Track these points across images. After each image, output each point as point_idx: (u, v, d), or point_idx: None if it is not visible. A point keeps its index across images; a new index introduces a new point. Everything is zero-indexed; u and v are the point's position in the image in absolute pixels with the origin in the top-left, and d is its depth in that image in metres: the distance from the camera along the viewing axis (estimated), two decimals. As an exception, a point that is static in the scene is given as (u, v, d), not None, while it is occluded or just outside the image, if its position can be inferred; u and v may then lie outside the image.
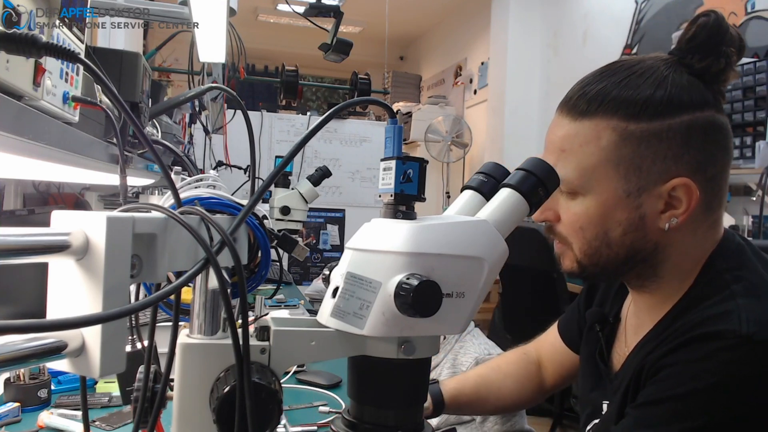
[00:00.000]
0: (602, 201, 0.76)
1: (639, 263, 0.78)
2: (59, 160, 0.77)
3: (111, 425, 1.18)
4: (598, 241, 0.77)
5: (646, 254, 0.77)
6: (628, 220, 0.75)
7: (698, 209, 0.74)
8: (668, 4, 3.58)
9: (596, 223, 0.77)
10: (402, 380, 0.55)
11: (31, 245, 0.40)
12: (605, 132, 0.74)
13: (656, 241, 0.76)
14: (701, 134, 0.73)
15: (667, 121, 0.72)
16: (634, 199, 0.75)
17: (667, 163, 0.73)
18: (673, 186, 0.73)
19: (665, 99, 0.72)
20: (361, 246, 0.54)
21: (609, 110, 0.74)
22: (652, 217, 0.75)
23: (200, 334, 0.55)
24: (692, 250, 0.77)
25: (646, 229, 0.75)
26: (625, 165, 0.74)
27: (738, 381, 0.64)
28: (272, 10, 6.52)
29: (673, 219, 0.74)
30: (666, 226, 0.74)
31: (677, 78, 0.74)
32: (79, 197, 1.83)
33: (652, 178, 0.74)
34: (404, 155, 0.54)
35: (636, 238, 0.76)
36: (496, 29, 5.03)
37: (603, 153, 0.74)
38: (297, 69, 4.26)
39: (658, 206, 0.74)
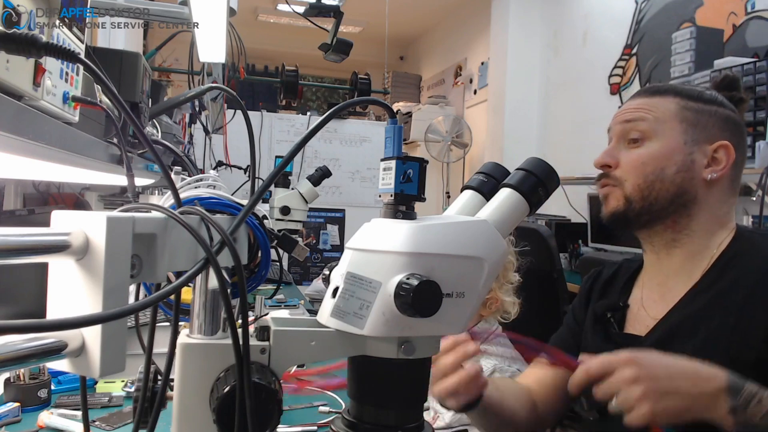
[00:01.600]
0: (666, 144, 0.98)
1: (680, 207, 0.97)
2: (59, 160, 0.77)
3: (111, 425, 1.18)
4: (654, 175, 0.97)
5: (688, 198, 0.97)
6: (683, 162, 0.97)
7: (727, 179, 0.98)
8: (668, 4, 3.58)
9: (658, 160, 0.98)
10: (402, 380, 0.55)
11: (31, 245, 0.39)
12: (672, 103, 1.00)
13: (697, 189, 0.97)
14: (735, 126, 1.00)
15: (714, 107, 1.00)
16: (689, 147, 0.97)
17: (714, 131, 0.98)
18: (717, 146, 0.97)
19: (713, 95, 1.02)
20: (361, 246, 0.54)
21: (675, 93, 1.01)
22: (699, 166, 0.97)
23: (200, 334, 0.55)
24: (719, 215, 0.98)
25: (693, 174, 0.97)
26: (687, 122, 0.98)
27: None
28: (272, 10, 6.52)
29: (713, 173, 0.97)
30: (708, 177, 0.96)
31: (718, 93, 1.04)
32: (79, 197, 1.83)
33: (703, 136, 0.98)
34: (404, 155, 0.54)
35: (685, 178, 0.97)
36: (496, 29, 5.03)
37: (671, 113, 0.99)
38: (297, 69, 4.26)
39: (704, 161, 0.97)
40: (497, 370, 1.36)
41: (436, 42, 7.13)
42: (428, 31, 7.29)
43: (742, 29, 3.12)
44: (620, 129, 1.03)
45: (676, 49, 3.22)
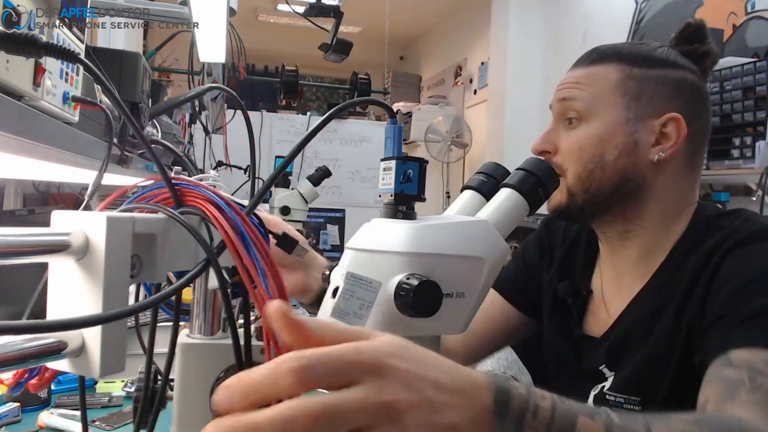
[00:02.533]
0: (605, 124, 0.85)
1: (627, 196, 0.86)
2: (59, 160, 0.77)
3: (111, 425, 1.18)
4: (594, 163, 0.85)
5: (635, 186, 0.85)
6: (624, 144, 0.84)
7: (682, 155, 0.85)
8: (668, 4, 3.58)
9: (595, 144, 0.85)
10: (402, 380, 0.55)
11: (31, 245, 0.39)
12: (614, 72, 0.86)
13: (644, 174, 0.85)
14: (689, 90, 0.86)
15: (663, 71, 0.86)
16: (631, 126, 0.85)
17: (662, 101, 0.85)
18: (666, 120, 0.84)
19: (663, 55, 0.87)
20: (361, 246, 0.54)
21: (618, 59, 0.87)
22: (644, 146, 0.84)
23: (200, 334, 0.55)
24: (674, 200, 0.87)
25: (638, 157, 0.84)
26: (629, 96, 0.85)
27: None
28: (272, 10, 6.52)
29: (661, 153, 0.84)
30: (655, 158, 0.84)
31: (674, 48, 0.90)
32: (79, 197, 1.83)
33: (648, 109, 0.85)
34: (404, 155, 0.54)
35: (628, 163, 0.84)
36: (496, 29, 5.03)
37: (611, 85, 0.86)
38: (297, 69, 4.26)
39: (650, 139, 0.84)
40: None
41: (436, 42, 7.12)
42: (428, 31, 7.29)
43: (742, 29, 3.12)
44: (558, 108, 0.90)
45: (676, 49, 3.21)
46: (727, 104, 2.80)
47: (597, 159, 0.85)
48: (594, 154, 0.85)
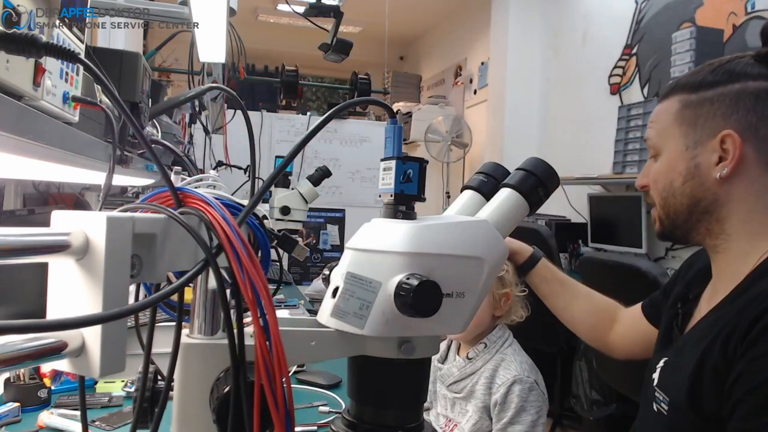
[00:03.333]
0: (669, 155, 0.92)
1: (703, 215, 0.90)
2: (59, 160, 0.77)
3: (111, 425, 1.18)
4: (666, 191, 0.93)
5: (707, 204, 0.89)
6: (687, 169, 0.90)
7: (754, 166, 0.85)
8: (668, 4, 3.58)
9: (665, 174, 0.93)
10: (402, 380, 0.55)
11: (31, 245, 0.39)
12: (674, 104, 0.92)
13: (714, 191, 0.88)
14: (751, 99, 0.86)
15: (719, 89, 0.88)
16: (691, 151, 0.89)
17: (717, 121, 0.87)
18: (722, 138, 0.86)
19: (718, 75, 0.89)
20: (361, 246, 0.54)
21: (678, 90, 0.93)
22: (707, 167, 0.88)
23: (200, 334, 0.55)
24: (757, 209, 0.86)
25: (703, 178, 0.88)
26: (686, 124, 0.90)
27: None
28: (272, 10, 6.52)
29: (724, 169, 0.86)
30: (718, 175, 0.86)
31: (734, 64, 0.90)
32: (79, 197, 1.83)
33: (705, 132, 0.88)
34: (404, 155, 0.54)
35: (694, 186, 0.89)
36: (496, 29, 5.03)
37: (672, 117, 0.92)
38: (297, 69, 4.26)
39: (712, 159, 0.87)
40: (517, 381, 1.36)
41: (436, 42, 7.12)
42: (428, 31, 7.29)
43: (742, 29, 3.12)
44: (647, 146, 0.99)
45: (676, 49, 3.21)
46: None
47: (668, 188, 0.92)
48: (665, 184, 0.93)
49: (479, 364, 1.41)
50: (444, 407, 1.48)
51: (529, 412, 1.34)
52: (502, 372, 1.38)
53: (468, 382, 1.42)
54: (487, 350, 1.41)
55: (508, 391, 1.34)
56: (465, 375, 1.42)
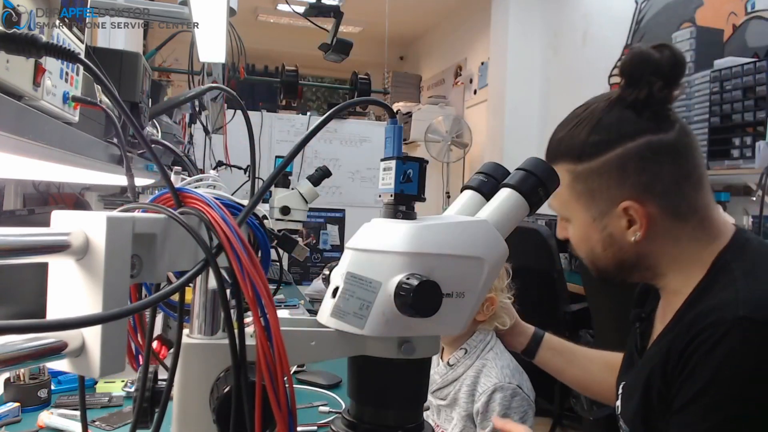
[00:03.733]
0: (579, 227, 0.92)
1: (633, 269, 0.91)
2: (59, 160, 0.77)
3: (111, 425, 1.18)
4: (590, 257, 0.94)
5: (633, 262, 0.90)
6: (602, 239, 0.90)
7: (663, 219, 0.86)
8: (668, 4, 3.58)
9: (583, 243, 0.94)
10: (402, 380, 0.55)
11: (31, 245, 0.39)
12: (564, 174, 0.89)
13: (635, 251, 0.89)
14: (636, 161, 0.85)
15: (602, 158, 0.87)
16: (599, 223, 0.90)
17: (612, 192, 0.87)
18: (623, 208, 0.86)
19: (596, 141, 0.87)
20: (361, 246, 0.54)
21: (563, 157, 0.91)
22: (620, 233, 0.88)
23: (200, 334, 0.55)
24: (683, 251, 0.87)
25: (620, 243, 0.89)
26: (584, 197, 0.90)
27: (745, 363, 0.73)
28: (272, 10, 6.52)
29: (637, 233, 0.87)
30: (633, 239, 0.87)
31: (607, 118, 0.87)
32: (79, 197, 1.83)
33: (605, 204, 0.88)
34: (404, 155, 0.54)
35: (615, 251, 0.90)
36: (496, 29, 5.03)
37: (567, 190, 0.91)
38: (297, 69, 4.26)
39: (622, 224, 0.88)
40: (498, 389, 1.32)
41: (436, 42, 7.13)
42: (428, 31, 7.29)
43: (742, 29, 3.12)
44: None
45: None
46: (727, 104, 2.79)
47: (590, 253, 0.94)
48: (586, 250, 0.94)
49: (461, 371, 1.37)
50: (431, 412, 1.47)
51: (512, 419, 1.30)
52: (483, 380, 1.34)
53: (451, 389, 1.38)
54: (468, 356, 1.37)
55: (489, 399, 1.31)
56: (447, 382, 1.39)
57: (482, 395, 1.31)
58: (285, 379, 0.48)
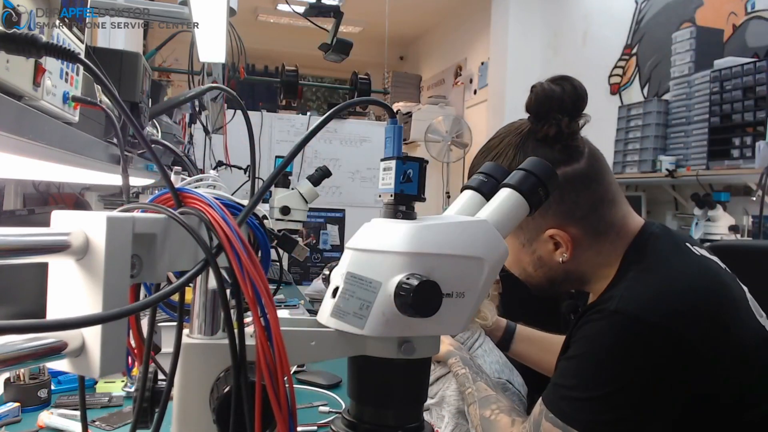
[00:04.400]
0: (511, 251, 0.97)
1: (564, 283, 0.99)
2: (59, 160, 0.77)
3: (111, 425, 1.18)
4: (523, 275, 1.01)
5: (563, 278, 0.98)
6: (532, 261, 0.98)
7: (585, 239, 0.94)
8: (668, 4, 3.58)
9: (516, 265, 1.00)
10: (402, 380, 0.55)
11: (31, 245, 0.39)
12: None
13: (564, 269, 0.96)
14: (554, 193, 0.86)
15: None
16: (528, 247, 0.97)
17: (536, 221, 0.94)
18: (549, 235, 0.94)
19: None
20: (361, 246, 0.54)
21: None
22: (548, 255, 0.96)
23: (200, 334, 0.55)
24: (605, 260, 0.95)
25: (550, 264, 0.96)
26: None
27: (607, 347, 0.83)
28: (272, 10, 6.52)
29: (564, 254, 0.94)
30: (561, 260, 0.94)
31: (521, 157, 0.91)
32: (79, 197, 1.83)
33: (532, 232, 0.95)
34: (404, 155, 0.54)
35: (545, 271, 0.98)
36: (496, 29, 5.03)
37: None
38: (297, 69, 4.26)
39: (548, 247, 0.95)
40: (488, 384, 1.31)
41: (436, 42, 7.13)
42: (428, 31, 7.29)
43: (742, 29, 3.12)
44: None
45: (676, 49, 3.22)
46: (727, 104, 2.79)
47: (523, 273, 1.01)
48: (519, 271, 1.01)
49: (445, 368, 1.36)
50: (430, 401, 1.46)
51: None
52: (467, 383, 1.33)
53: (439, 387, 1.38)
54: None
55: None
56: (434, 379, 1.38)
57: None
58: (285, 379, 0.48)
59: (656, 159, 3.20)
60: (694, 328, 0.80)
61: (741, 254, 1.46)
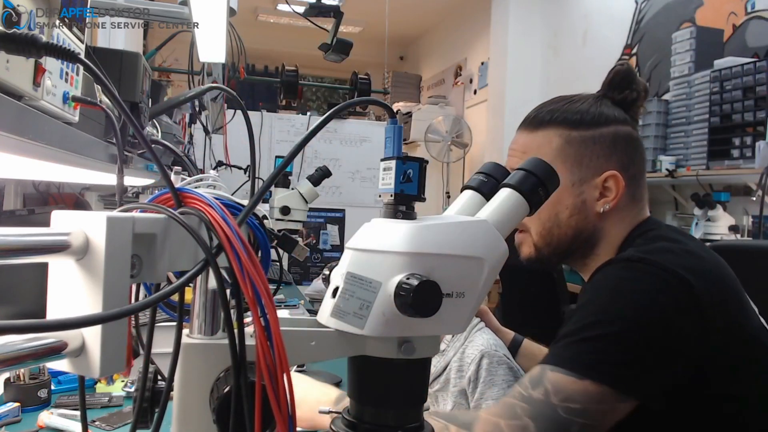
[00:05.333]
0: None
1: (583, 242, 0.99)
2: (59, 160, 0.77)
3: (111, 425, 1.18)
4: (551, 222, 0.98)
5: (588, 234, 0.99)
6: (574, 204, 0.97)
7: (624, 198, 0.97)
8: (668, 4, 3.58)
9: (549, 207, 0.97)
10: (402, 380, 0.55)
11: (31, 245, 0.39)
12: (555, 138, 0.98)
13: (595, 224, 0.98)
14: (623, 142, 0.98)
15: (599, 130, 0.97)
16: (577, 188, 0.97)
17: (600, 161, 0.96)
18: (606, 177, 0.96)
19: (596, 113, 0.98)
20: (361, 246, 0.54)
21: (557, 123, 0.99)
22: (591, 202, 0.97)
23: (200, 335, 0.55)
24: (621, 231, 0.98)
25: (587, 212, 0.97)
26: (570, 161, 0.97)
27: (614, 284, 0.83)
28: (272, 10, 6.52)
29: (606, 204, 0.96)
30: (601, 210, 0.96)
31: (604, 102, 1.01)
32: (79, 197, 1.83)
33: (590, 171, 0.97)
34: (404, 155, 0.54)
35: (579, 219, 0.98)
36: (496, 29, 5.03)
37: (554, 152, 0.97)
38: (297, 69, 4.26)
39: (594, 194, 0.97)
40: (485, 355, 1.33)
41: (436, 42, 7.13)
42: (428, 31, 7.29)
43: (742, 29, 3.12)
44: None
45: (676, 49, 3.21)
46: (727, 104, 2.79)
47: (553, 219, 0.98)
48: (550, 214, 0.98)
49: (450, 354, 1.39)
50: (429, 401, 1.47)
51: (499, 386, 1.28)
52: (469, 350, 1.35)
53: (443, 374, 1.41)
54: (456, 338, 1.40)
55: (478, 366, 1.31)
56: (440, 370, 1.41)
57: (471, 364, 1.32)
58: (285, 379, 0.48)
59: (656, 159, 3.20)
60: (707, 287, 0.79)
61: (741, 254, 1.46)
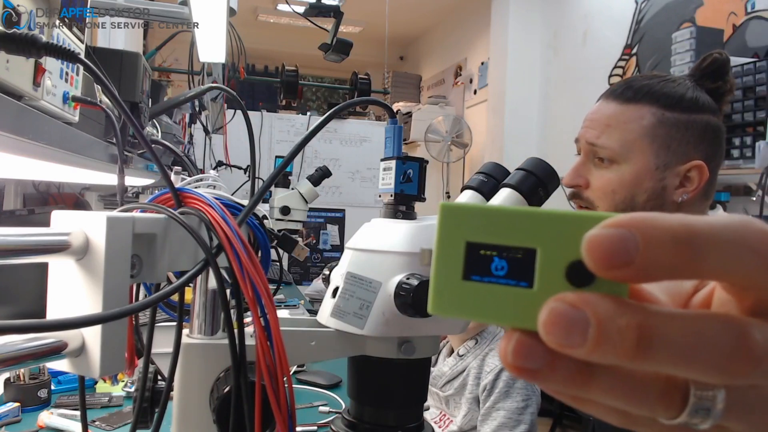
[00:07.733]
0: (636, 170, 0.92)
1: None
2: (59, 160, 0.77)
3: (111, 425, 1.18)
4: (625, 204, 0.92)
5: None
6: (653, 189, 0.92)
7: (701, 192, 0.92)
8: (668, 4, 3.58)
9: (627, 188, 0.92)
10: (402, 380, 0.55)
11: (31, 245, 0.39)
12: (647, 115, 0.92)
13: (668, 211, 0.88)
14: (713, 133, 0.93)
15: (693, 116, 0.92)
16: (660, 172, 0.91)
17: (688, 147, 0.91)
18: (690, 167, 0.91)
19: (693, 98, 0.93)
20: (361, 246, 0.54)
21: (651, 99, 0.93)
22: (671, 190, 0.92)
23: (200, 335, 0.55)
24: None
25: (664, 200, 0.92)
26: (659, 142, 0.91)
27: None
28: (272, 10, 6.52)
29: (685, 194, 0.91)
30: (679, 200, 0.91)
31: (694, 92, 0.94)
32: (79, 197, 1.83)
33: (676, 157, 0.91)
34: (404, 155, 0.54)
35: (655, 206, 0.92)
36: (496, 29, 5.02)
37: (644, 130, 0.92)
38: (297, 69, 4.26)
39: (675, 182, 0.92)
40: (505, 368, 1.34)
41: (436, 42, 7.12)
42: (428, 31, 7.28)
43: (742, 29, 3.12)
44: (588, 148, 0.97)
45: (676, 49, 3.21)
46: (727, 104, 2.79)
47: (628, 201, 0.92)
48: (626, 196, 0.92)
49: (470, 360, 1.40)
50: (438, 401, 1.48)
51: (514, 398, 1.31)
52: (489, 360, 1.37)
53: (459, 379, 1.42)
54: (478, 346, 1.41)
55: (496, 378, 1.33)
56: (456, 373, 1.42)
57: (489, 374, 1.34)
58: (285, 379, 0.48)
59: (656, 159, 3.20)
60: None
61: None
